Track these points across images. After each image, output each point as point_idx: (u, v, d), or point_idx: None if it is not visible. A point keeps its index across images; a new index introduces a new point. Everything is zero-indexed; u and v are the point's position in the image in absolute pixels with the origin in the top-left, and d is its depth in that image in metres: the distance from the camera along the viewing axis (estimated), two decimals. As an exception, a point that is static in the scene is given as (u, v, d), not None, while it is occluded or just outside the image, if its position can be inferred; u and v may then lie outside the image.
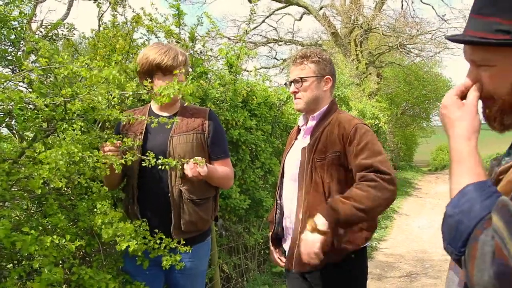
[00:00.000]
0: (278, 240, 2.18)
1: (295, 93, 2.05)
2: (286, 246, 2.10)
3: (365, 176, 1.80)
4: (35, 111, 1.72)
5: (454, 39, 0.98)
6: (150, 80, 2.05)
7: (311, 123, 2.05)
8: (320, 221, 1.76)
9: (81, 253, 2.32)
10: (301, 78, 2.01)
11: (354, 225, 1.86)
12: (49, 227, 1.90)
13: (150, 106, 2.22)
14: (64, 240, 1.60)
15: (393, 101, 18.96)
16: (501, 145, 1.25)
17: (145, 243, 1.91)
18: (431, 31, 16.45)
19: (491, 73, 0.95)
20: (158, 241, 1.95)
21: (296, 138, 2.17)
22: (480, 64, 0.97)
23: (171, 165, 1.89)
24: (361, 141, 1.86)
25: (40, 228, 1.82)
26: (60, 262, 1.98)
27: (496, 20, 0.91)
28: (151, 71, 2.07)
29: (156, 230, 2.00)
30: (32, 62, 2.11)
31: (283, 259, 2.10)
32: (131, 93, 1.68)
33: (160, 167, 1.87)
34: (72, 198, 2.04)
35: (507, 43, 0.90)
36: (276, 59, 19.99)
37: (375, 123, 10.24)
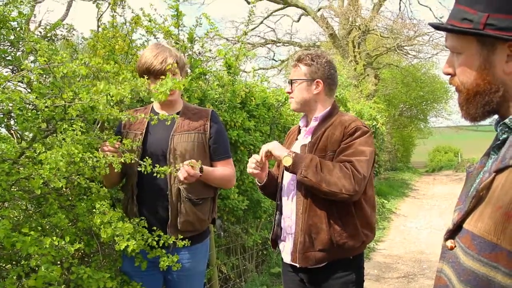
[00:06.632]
0: (277, 242, 2.18)
1: (289, 93, 2.11)
2: (282, 245, 2.11)
3: (342, 162, 1.88)
4: (35, 111, 1.72)
5: (431, 24, 1.01)
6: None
7: (314, 123, 2.07)
8: (287, 160, 1.89)
9: (80, 253, 2.32)
10: (292, 80, 2.08)
11: (304, 180, 1.87)
12: (48, 227, 1.90)
13: (152, 106, 2.23)
14: (63, 242, 1.60)
15: (390, 103, 19.00)
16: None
17: (143, 239, 1.91)
18: (428, 32, 16.45)
19: (460, 61, 0.96)
20: (156, 238, 1.95)
21: (296, 139, 2.18)
22: (452, 51, 0.99)
23: (166, 173, 1.89)
24: (352, 140, 1.91)
25: (39, 228, 1.81)
26: (59, 262, 1.98)
27: (465, 9, 0.93)
28: (144, 74, 2.06)
29: (154, 228, 2.00)
30: (31, 63, 2.11)
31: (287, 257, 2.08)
32: (129, 91, 1.70)
33: (155, 174, 1.87)
34: (71, 198, 2.04)
35: (468, 31, 0.91)
36: (274, 60, 19.96)
37: (373, 124, 10.25)
